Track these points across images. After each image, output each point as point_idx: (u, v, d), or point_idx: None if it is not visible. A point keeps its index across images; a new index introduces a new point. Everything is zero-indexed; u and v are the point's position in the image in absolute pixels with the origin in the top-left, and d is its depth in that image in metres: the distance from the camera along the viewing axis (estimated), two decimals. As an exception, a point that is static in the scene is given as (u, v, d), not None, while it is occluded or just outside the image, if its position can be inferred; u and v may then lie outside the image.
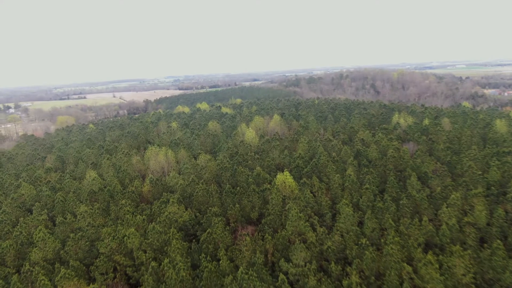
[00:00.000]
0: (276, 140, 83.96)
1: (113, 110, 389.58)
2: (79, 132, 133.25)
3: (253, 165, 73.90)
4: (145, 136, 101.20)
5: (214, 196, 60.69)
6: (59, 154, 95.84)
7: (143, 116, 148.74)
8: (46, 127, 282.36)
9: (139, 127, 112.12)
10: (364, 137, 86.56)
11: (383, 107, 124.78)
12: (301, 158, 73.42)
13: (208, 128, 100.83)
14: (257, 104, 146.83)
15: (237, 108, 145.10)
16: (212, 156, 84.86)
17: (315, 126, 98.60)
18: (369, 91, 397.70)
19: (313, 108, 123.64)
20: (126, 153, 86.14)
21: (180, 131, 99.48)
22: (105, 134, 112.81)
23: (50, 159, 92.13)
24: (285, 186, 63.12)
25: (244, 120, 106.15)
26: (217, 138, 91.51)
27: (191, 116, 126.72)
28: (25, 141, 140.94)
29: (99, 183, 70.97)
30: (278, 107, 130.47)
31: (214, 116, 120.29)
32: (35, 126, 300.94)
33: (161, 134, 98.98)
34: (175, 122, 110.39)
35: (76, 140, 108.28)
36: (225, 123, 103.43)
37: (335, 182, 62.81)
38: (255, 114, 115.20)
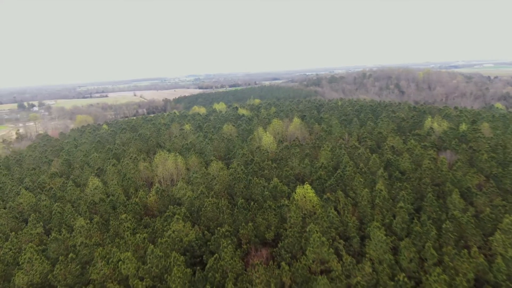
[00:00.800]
0: (296, 147, 76.20)
1: (133, 109, 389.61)
2: (92, 133, 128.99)
3: (270, 175, 66.42)
4: (156, 139, 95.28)
5: (225, 212, 53.61)
6: (66, 157, 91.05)
7: (156, 117, 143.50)
8: (65, 125, 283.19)
9: (151, 129, 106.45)
10: (395, 144, 77.68)
11: (413, 109, 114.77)
12: (323, 168, 65.44)
13: (223, 131, 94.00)
14: (276, 105, 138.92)
15: (254, 109, 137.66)
16: (226, 163, 77.90)
17: (339, 130, 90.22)
18: (393, 91, 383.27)
19: (336, 110, 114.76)
20: (134, 158, 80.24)
21: (193, 135, 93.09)
22: (116, 136, 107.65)
23: (57, 163, 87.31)
24: (306, 201, 55.43)
25: (262, 123, 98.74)
26: (232, 143, 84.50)
27: (206, 118, 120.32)
28: (40, 142, 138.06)
29: (101, 193, 65.13)
30: (298, 108, 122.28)
31: (230, 118, 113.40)
32: (55, 124, 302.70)
33: (173, 137, 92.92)
34: (188, 125, 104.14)
35: (85, 143, 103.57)
36: (241, 126, 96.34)
37: (363, 198, 54.64)
38: (274, 116, 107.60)
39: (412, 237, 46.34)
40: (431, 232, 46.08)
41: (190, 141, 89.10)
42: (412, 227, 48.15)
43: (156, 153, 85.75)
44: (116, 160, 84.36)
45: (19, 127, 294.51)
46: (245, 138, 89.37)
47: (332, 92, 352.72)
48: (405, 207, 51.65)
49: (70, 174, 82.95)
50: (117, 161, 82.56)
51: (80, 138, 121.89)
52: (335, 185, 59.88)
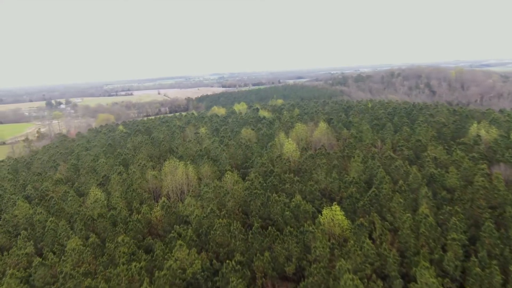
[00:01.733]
0: (321, 156, 66.97)
1: (155, 108, 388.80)
2: (106, 134, 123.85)
3: (292, 189, 57.60)
4: (169, 144, 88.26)
5: (237, 237, 45.35)
6: (74, 162, 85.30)
7: (173, 118, 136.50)
8: (88, 124, 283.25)
9: (165, 132, 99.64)
10: (437, 154, 67.15)
11: (453, 113, 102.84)
12: (355, 183, 56.04)
13: (241, 136, 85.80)
14: (300, 107, 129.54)
15: (277, 111, 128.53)
16: (242, 173, 69.70)
17: (370, 137, 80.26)
18: (423, 90, 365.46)
19: (366, 113, 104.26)
20: (143, 165, 73.25)
21: (209, 139, 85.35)
22: (128, 139, 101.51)
23: (63, 168, 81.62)
24: (334, 225, 46.44)
25: (284, 127, 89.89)
26: (250, 150, 76.13)
27: (224, 120, 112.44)
28: (55, 142, 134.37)
29: (101, 206, 58.25)
30: (324, 111, 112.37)
31: (249, 120, 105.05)
32: (78, 122, 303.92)
33: (187, 141, 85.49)
34: (204, 128, 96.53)
35: (96, 146, 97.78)
36: (261, 130, 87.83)
37: (404, 224, 45.09)
38: (297, 119, 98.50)
39: (469, 281, 36.61)
40: (495, 276, 36.17)
41: (205, 147, 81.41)
42: (468, 266, 38.37)
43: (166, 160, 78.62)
44: (124, 166, 77.71)
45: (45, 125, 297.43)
46: (265, 144, 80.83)
47: (358, 92, 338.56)
48: (458, 238, 41.78)
49: (75, 181, 77.01)
50: (124, 168, 75.86)
51: (94, 139, 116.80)
52: (369, 205, 50.42)
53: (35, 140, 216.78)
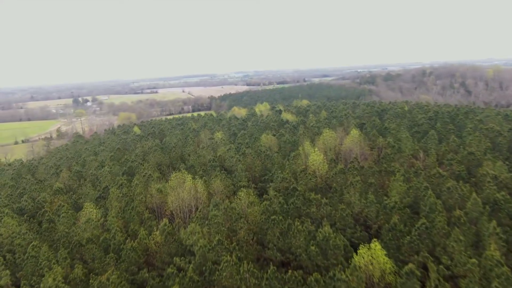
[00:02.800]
0: (354, 171, 56.24)
1: (178, 106, 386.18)
2: (119, 136, 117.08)
3: (319, 214, 47.39)
4: (181, 150, 79.66)
5: (248, 282, 35.70)
6: (78, 169, 78.11)
7: (188, 120, 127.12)
8: (109, 122, 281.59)
9: (178, 136, 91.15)
10: (496, 172, 55.09)
11: (505, 117, 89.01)
12: (398, 209, 45.18)
13: (261, 143, 75.99)
14: (327, 109, 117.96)
15: (302, 113, 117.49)
16: (260, 189, 60.10)
17: (410, 146, 68.67)
18: (458, 90, 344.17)
19: (403, 117, 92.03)
20: (148, 176, 64.76)
21: (224, 146, 75.99)
22: (139, 143, 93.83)
23: (66, 175, 74.45)
24: (373, 268, 36.09)
25: (309, 134, 79.33)
26: (270, 160, 66.19)
27: (243, 124, 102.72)
28: (70, 143, 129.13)
29: (94, 227, 49.95)
30: (355, 114, 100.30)
31: (271, 124, 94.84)
32: (99, 121, 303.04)
33: (200, 148, 76.54)
34: (220, 132, 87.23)
35: (105, 150, 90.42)
36: (283, 137, 77.55)
37: (468, 272, 34.13)
38: (325, 124, 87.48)
39: None
40: None
41: (219, 155, 72.14)
42: None
43: (176, 170, 69.88)
44: (129, 176, 69.67)
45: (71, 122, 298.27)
46: (287, 154, 70.70)
47: (388, 91, 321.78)
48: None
49: (76, 191, 69.58)
50: (129, 178, 67.77)
51: (106, 141, 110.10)
52: (417, 242, 39.54)
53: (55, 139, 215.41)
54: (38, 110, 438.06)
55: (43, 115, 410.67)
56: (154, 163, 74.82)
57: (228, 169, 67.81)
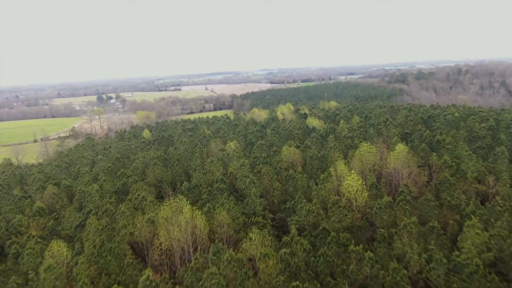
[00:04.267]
0: (406, 205, 41.63)
1: (199, 105, 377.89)
2: (126, 140, 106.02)
3: (360, 275, 33.28)
4: (187, 163, 66.97)
5: None
6: (67, 183, 66.81)
7: (201, 124, 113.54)
8: (128, 121, 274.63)
9: (186, 144, 78.25)
10: None
11: None
12: (480, 276, 30.47)
13: (281, 156, 62.14)
14: (360, 113, 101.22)
15: (330, 117, 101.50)
16: (278, 222, 46.48)
17: (473, 167, 53.06)
18: (498, 90, 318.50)
19: (456, 126, 74.53)
20: (141, 199, 52.25)
21: (237, 160, 62.45)
22: (144, 150, 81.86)
23: (50, 192, 63.08)
24: None
25: (341, 146, 64.61)
26: (293, 183, 52.24)
27: (261, 130, 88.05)
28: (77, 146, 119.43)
29: (56, 277, 37.66)
30: (395, 121, 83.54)
31: (294, 132, 79.67)
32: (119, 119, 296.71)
33: (209, 161, 63.45)
34: (234, 141, 73.43)
35: (103, 160, 78.80)
36: (309, 150, 62.75)
37: None
38: (359, 133, 72.22)
39: None
40: None
41: (230, 172, 58.84)
42: None
43: (177, 190, 57.12)
44: (122, 194, 57.64)
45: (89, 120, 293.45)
46: (314, 173, 56.58)
47: (421, 91, 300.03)
48: None
49: (59, 214, 58.07)
50: (121, 198, 55.63)
51: (112, 145, 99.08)
52: None
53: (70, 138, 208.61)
54: (62, 107, 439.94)
55: (67, 112, 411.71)
56: (153, 179, 62.33)
57: (239, 192, 54.49)
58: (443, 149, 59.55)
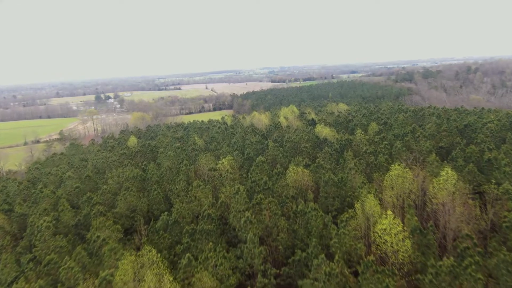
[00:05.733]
0: (472, 263, 28.12)
1: (198, 105, 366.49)
2: (109, 150, 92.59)
3: None
4: (169, 185, 53.43)
5: None
6: (21, 211, 53.41)
7: (192, 131, 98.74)
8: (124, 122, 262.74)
9: (172, 159, 64.34)
10: None
11: None
12: None
13: (287, 180, 48.48)
14: (378, 119, 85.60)
15: (342, 124, 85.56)
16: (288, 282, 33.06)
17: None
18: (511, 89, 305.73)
19: (502, 138, 60.40)
20: (101, 242, 38.81)
21: (231, 185, 48.78)
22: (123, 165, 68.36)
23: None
24: None
25: (363, 167, 50.81)
26: (304, 223, 38.69)
27: (261, 142, 73.45)
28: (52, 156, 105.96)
29: None
30: (424, 131, 68.46)
31: (302, 145, 64.42)
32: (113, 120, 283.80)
33: (195, 186, 49.90)
34: (229, 157, 59.00)
35: (71, 178, 65.14)
36: (322, 172, 48.96)
37: None
38: (384, 148, 57.98)
39: None
40: None
41: (221, 201, 45.37)
42: None
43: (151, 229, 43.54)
44: (82, 230, 44.29)
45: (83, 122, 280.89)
46: (330, 204, 43.02)
47: (430, 90, 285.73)
48: None
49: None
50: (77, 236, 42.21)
51: (91, 156, 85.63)
52: None
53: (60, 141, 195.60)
54: (58, 108, 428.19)
55: (63, 113, 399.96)
56: (124, 209, 48.85)
57: (233, 231, 41.00)
58: (498, 172, 45.73)
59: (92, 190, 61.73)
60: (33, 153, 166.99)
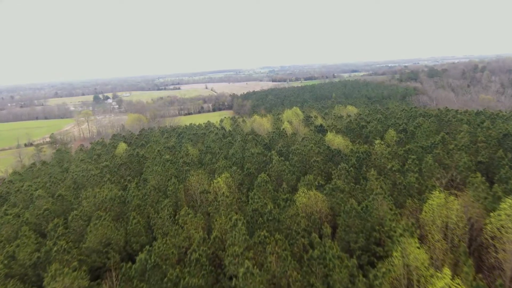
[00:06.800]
0: None
1: (197, 105, 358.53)
2: (95, 158, 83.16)
3: None
4: (152, 211, 43.97)
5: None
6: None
7: (186, 139, 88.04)
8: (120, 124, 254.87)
9: (159, 174, 54.78)
10: None
11: None
12: None
13: (297, 208, 38.82)
14: (395, 125, 75.32)
15: (354, 131, 74.14)
16: None
17: None
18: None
19: None
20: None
21: (226, 212, 39.26)
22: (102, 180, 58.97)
23: None
24: None
25: (389, 186, 41.29)
26: (322, 270, 29.31)
27: (264, 154, 61.81)
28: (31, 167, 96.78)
29: None
30: (454, 139, 58.57)
31: (311, 159, 54.95)
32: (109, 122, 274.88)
33: (182, 214, 40.31)
34: (225, 175, 49.00)
35: (42, 197, 55.70)
36: (341, 197, 39.48)
37: None
38: (412, 164, 47.63)
39: None
40: None
41: (215, 236, 35.95)
42: None
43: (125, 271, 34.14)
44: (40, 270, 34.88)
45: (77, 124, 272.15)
46: (353, 240, 33.57)
47: (438, 90, 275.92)
48: None
49: None
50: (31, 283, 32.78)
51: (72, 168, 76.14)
52: None
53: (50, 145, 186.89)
54: (55, 108, 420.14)
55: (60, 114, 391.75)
56: (96, 244, 39.41)
57: (228, 282, 31.55)
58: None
59: (65, 212, 52.51)
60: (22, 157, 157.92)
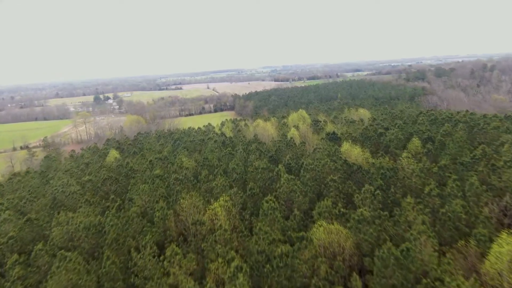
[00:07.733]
0: None
1: (198, 106, 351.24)
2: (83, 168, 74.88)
3: None
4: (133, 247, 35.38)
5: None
6: None
7: (179, 148, 78.50)
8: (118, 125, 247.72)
9: (145, 194, 46.20)
10: None
11: None
12: None
13: (315, 246, 30.12)
14: (419, 132, 66.10)
15: (372, 139, 65.76)
16: None
17: None
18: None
19: None
20: None
21: (223, 253, 30.75)
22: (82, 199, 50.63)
23: None
24: None
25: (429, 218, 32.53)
26: None
27: (269, 168, 52.58)
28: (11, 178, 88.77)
29: None
30: (495, 152, 51.35)
31: (327, 178, 45.26)
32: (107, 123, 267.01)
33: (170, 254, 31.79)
34: (224, 198, 40.39)
35: (9, 220, 47.34)
36: (366, 228, 31.09)
37: None
38: (455, 187, 38.61)
39: None
40: None
41: (210, 290, 27.32)
42: None
43: None
44: None
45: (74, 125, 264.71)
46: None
47: (447, 90, 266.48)
48: None
49: None
50: None
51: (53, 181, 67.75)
52: None
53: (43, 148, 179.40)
54: (54, 109, 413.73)
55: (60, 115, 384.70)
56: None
57: None
58: None
59: (35, 240, 44.13)
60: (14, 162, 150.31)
